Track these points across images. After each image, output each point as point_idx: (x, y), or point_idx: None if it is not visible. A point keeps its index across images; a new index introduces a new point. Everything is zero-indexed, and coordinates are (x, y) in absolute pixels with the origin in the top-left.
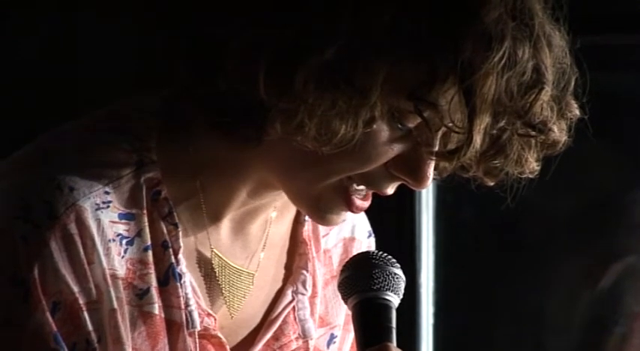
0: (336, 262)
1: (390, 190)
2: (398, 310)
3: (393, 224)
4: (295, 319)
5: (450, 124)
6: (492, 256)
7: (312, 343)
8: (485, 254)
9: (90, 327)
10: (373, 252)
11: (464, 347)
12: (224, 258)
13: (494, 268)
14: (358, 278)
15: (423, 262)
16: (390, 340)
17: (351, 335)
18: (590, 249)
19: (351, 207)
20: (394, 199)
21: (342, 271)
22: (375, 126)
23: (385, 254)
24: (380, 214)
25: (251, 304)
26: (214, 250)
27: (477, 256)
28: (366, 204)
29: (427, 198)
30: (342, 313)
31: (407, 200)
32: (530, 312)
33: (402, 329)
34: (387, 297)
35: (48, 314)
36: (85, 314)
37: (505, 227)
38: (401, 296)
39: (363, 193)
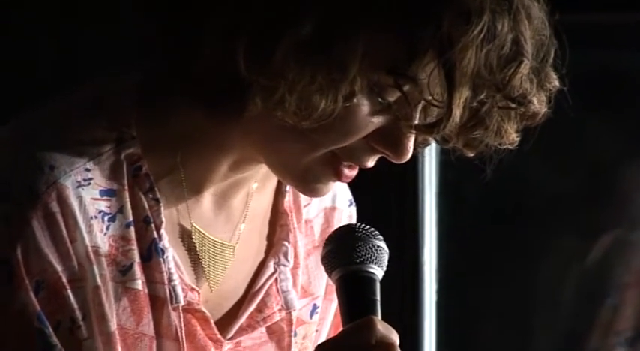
0: (318, 232)
1: (371, 163)
2: (401, 286)
3: (396, 202)
4: (278, 290)
5: (430, 98)
6: (494, 233)
7: (294, 314)
8: (488, 231)
9: (74, 305)
10: (356, 225)
11: (467, 323)
12: (204, 232)
13: (497, 245)
14: (341, 251)
15: (426, 239)
16: (374, 312)
17: (333, 305)
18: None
19: (340, 177)
20: (397, 177)
21: (326, 244)
22: (355, 100)
23: (368, 227)
24: (383, 192)
25: (233, 277)
26: (194, 224)
27: (479, 233)
28: (354, 173)
29: (430, 176)
30: (323, 283)
31: (410, 178)
32: (530, 287)
33: (404, 306)
34: (371, 270)
35: (31, 293)
36: (69, 292)
37: (507, 204)
38: (384, 269)
39: (350, 163)
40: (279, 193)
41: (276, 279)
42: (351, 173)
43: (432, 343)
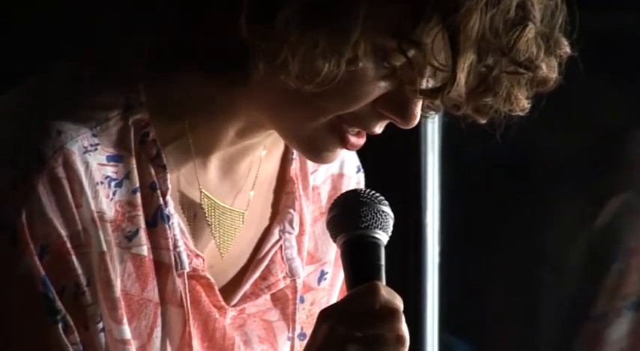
0: (325, 198)
1: (379, 129)
2: (404, 249)
3: (399, 164)
4: (282, 258)
5: (434, 63)
6: (497, 196)
7: (299, 282)
8: (491, 194)
9: (79, 270)
10: (361, 190)
11: (469, 286)
12: (213, 198)
13: (500, 208)
14: (346, 216)
15: (429, 202)
16: (379, 278)
17: (342, 271)
18: (589, 185)
19: (345, 145)
20: (400, 140)
21: (330, 209)
22: (360, 64)
23: (373, 192)
24: (386, 155)
25: (239, 244)
26: (203, 190)
27: (482, 195)
28: (361, 141)
29: (433, 139)
30: (332, 250)
31: (413, 141)
32: (535, 250)
33: (408, 269)
34: (376, 235)
35: (36, 258)
36: (74, 258)
37: (510, 167)
38: (389, 234)
39: (357, 130)
40: (285, 161)
41: (281, 246)
42: (358, 141)
43: (435, 306)
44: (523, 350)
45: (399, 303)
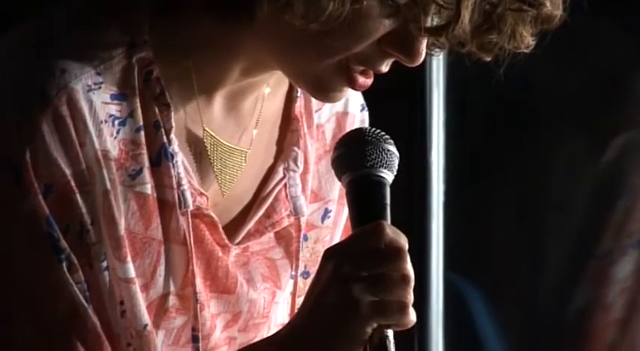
0: (329, 137)
1: (385, 67)
2: (409, 187)
3: (404, 103)
4: (287, 196)
5: (438, 0)
6: (502, 134)
7: (303, 220)
8: (495, 132)
9: (83, 209)
10: (366, 129)
11: (474, 225)
12: (216, 136)
13: (504, 146)
14: (351, 155)
15: (434, 140)
16: (384, 217)
17: (346, 209)
18: (595, 122)
19: (353, 85)
20: (404, 79)
21: (335, 148)
22: (364, 2)
23: (378, 131)
24: (390, 93)
25: (242, 182)
26: (206, 128)
27: (487, 134)
28: (369, 81)
29: (438, 76)
30: (335, 188)
31: (417, 79)
32: (539, 188)
33: (412, 207)
34: (381, 174)
35: (40, 197)
36: (78, 196)
37: (514, 105)
38: (394, 173)
39: (363, 69)
40: (290, 99)
41: (285, 184)
42: (366, 82)
43: (439, 245)
44: (528, 288)
45: (404, 242)
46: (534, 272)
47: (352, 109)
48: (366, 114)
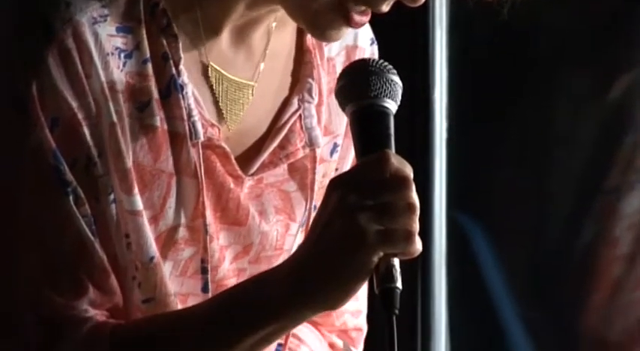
0: (340, 70)
1: (385, 7)
2: (411, 125)
3: (407, 40)
4: (302, 127)
5: None
6: (506, 70)
7: (318, 152)
8: (499, 68)
9: (90, 142)
10: (370, 59)
11: (477, 161)
12: (221, 70)
13: (509, 82)
14: (355, 86)
15: (437, 77)
16: (388, 146)
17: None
18: (600, 60)
19: (350, 23)
20: (407, 15)
21: (339, 79)
22: None
23: (382, 61)
24: (393, 30)
25: (255, 115)
26: (211, 63)
27: (491, 70)
28: (366, 19)
29: (440, 13)
30: (343, 122)
31: (420, 16)
32: (545, 125)
33: (415, 145)
34: (385, 104)
35: (47, 131)
36: (85, 129)
37: (517, 41)
38: (398, 103)
39: (362, 9)
40: (301, 31)
41: (300, 116)
42: (362, 19)
43: (443, 182)
44: (533, 225)
45: (409, 171)
46: (539, 209)
47: (362, 42)
48: (375, 48)
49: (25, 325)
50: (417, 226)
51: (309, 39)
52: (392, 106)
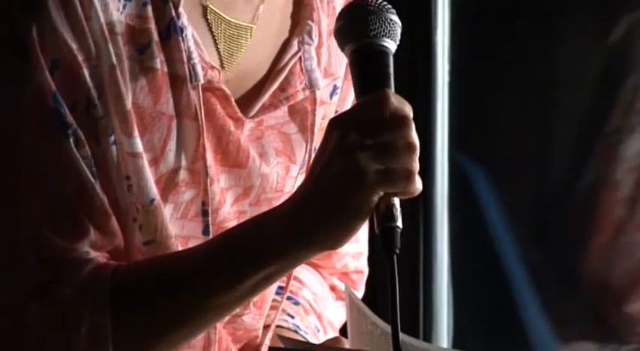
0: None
1: None
2: (413, 67)
3: None
4: (302, 69)
5: None
6: (508, 11)
7: (318, 94)
8: (500, 11)
9: (90, 84)
10: None
11: (479, 103)
12: (220, 12)
13: (510, 24)
14: (354, 25)
15: (439, 19)
16: (388, 86)
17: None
18: (601, 2)
19: None
20: None
21: (338, 18)
22: None
23: (381, 1)
24: None
25: (254, 58)
26: (210, 5)
27: (493, 12)
28: None
29: None
30: (343, 64)
31: None
32: (546, 67)
33: (417, 86)
34: (384, 43)
35: (47, 73)
36: (85, 71)
37: None
38: (397, 43)
39: None
40: None
41: (300, 58)
42: None
43: (444, 124)
44: (534, 167)
45: (408, 110)
46: (541, 150)
47: None
48: None
49: (26, 267)
50: (417, 166)
51: None
52: (391, 45)
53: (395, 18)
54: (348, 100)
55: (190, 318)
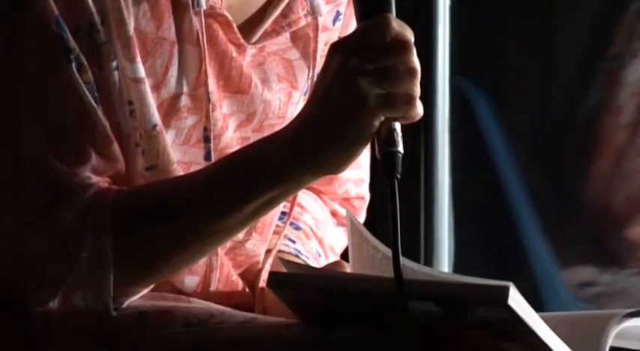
0: None
1: None
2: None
3: None
4: None
5: None
6: None
7: (321, 20)
8: None
9: (93, 9)
10: None
11: (481, 27)
12: None
13: None
14: None
15: None
16: (389, 10)
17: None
18: None
19: None
20: None
21: None
22: None
23: None
24: None
25: None
26: None
27: None
28: None
29: None
30: None
31: None
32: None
33: (419, 10)
34: None
35: None
36: None
37: None
38: None
39: None
40: None
41: None
42: None
43: (445, 48)
44: (536, 91)
45: (409, 35)
46: (543, 74)
47: None
48: None
49: (27, 191)
50: (418, 90)
51: None
52: None
53: None
54: (350, 25)
55: (191, 242)
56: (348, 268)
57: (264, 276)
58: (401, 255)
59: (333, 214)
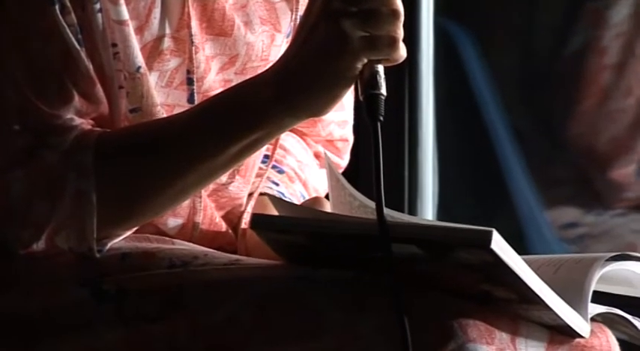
0: None
1: None
2: None
3: None
4: None
5: None
6: None
7: None
8: None
9: None
10: None
11: None
12: None
13: None
14: None
15: None
16: None
17: None
18: None
19: None
20: None
21: None
22: None
23: None
24: None
25: None
26: None
27: None
28: None
29: None
30: None
31: None
32: None
33: None
34: None
35: None
36: None
37: None
38: None
39: None
40: None
41: None
42: None
43: None
44: (521, 32)
45: None
46: (527, 15)
47: None
48: None
49: (10, 133)
50: (401, 33)
51: None
52: None
53: None
54: None
55: (174, 183)
56: (327, 205)
57: (247, 218)
58: (384, 202)
59: (317, 155)
